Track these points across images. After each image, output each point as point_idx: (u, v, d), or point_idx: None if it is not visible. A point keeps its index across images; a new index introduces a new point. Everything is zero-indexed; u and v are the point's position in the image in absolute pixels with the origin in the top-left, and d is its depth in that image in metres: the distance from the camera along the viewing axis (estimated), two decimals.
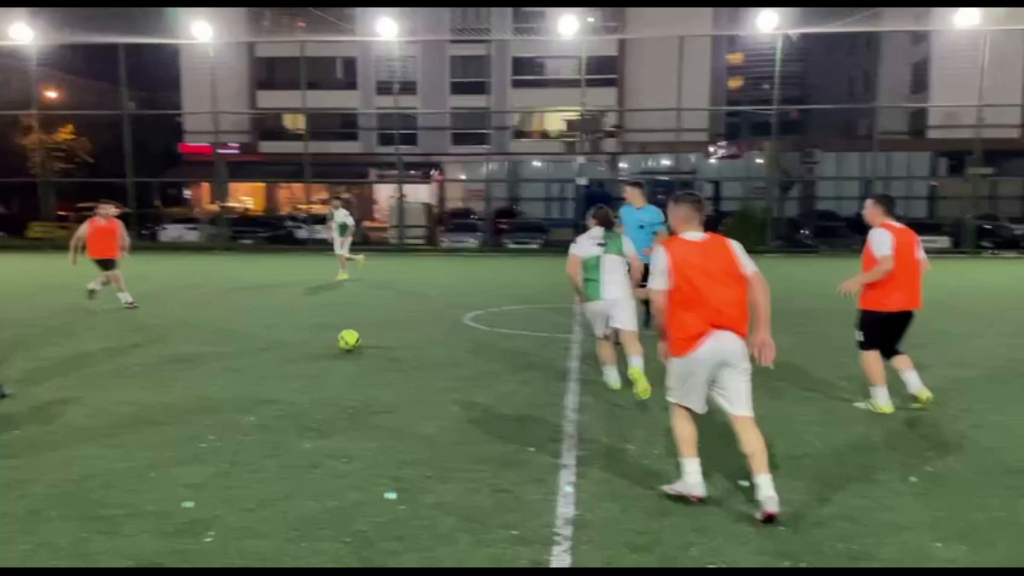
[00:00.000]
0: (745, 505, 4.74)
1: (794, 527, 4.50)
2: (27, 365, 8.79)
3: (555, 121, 43.96)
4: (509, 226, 35.50)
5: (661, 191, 28.46)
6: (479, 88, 41.54)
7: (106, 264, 13.31)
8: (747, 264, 4.73)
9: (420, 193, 41.43)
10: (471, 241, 33.04)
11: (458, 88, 43.28)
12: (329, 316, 12.70)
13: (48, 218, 31.62)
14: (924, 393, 6.94)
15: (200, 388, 7.80)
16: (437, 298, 15.46)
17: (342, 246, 18.32)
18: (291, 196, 46.39)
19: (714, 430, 5.46)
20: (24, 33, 27.79)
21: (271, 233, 35.40)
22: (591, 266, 7.52)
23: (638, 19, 39.73)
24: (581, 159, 30.93)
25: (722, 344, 4.61)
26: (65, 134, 44.41)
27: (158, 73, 44.03)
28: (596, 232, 7.61)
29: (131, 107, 33.53)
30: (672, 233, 4.99)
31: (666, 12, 36.77)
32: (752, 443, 4.67)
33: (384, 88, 42.39)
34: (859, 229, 31.58)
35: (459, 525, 4.52)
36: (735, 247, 4.79)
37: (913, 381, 6.98)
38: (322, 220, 33.98)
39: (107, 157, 44.18)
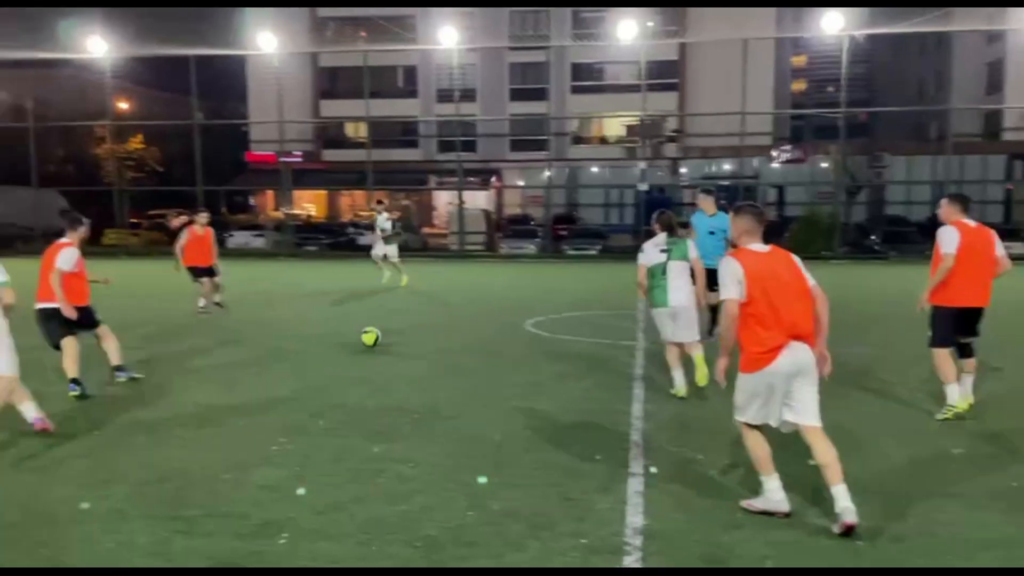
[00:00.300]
0: (820, 519, 4.63)
1: (872, 541, 4.37)
2: (102, 370, 9.08)
3: (614, 126, 43.75)
4: (568, 232, 35.43)
5: (723, 196, 28.02)
6: (538, 94, 41.62)
7: (202, 272, 13.46)
8: (809, 277, 4.73)
9: (479, 200, 41.68)
10: (530, 247, 33.08)
11: (517, 95, 43.42)
12: (392, 322, 12.82)
13: (122, 225, 32.72)
14: (967, 401, 6.87)
15: (270, 391, 7.96)
16: (498, 304, 15.50)
17: (385, 251, 17.88)
18: (352, 203, 47.17)
19: (774, 441, 5.34)
20: (99, 46, 28.85)
21: (333, 240, 36.01)
22: (657, 273, 7.59)
23: (699, 22, 39.30)
24: (642, 164, 30.69)
25: (797, 355, 4.56)
26: (136, 144, 46.02)
27: (225, 84, 45.26)
28: (660, 238, 7.67)
29: (199, 117, 34.49)
30: (733, 244, 4.96)
31: (728, 15, 36.31)
32: (826, 453, 4.58)
33: (444, 96, 42.78)
34: (930, 234, 30.62)
35: (528, 532, 4.51)
36: (797, 259, 4.79)
37: (964, 386, 6.92)
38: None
39: (176, 166, 45.61)
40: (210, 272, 13.56)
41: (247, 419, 6.95)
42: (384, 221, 18.02)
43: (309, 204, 47.27)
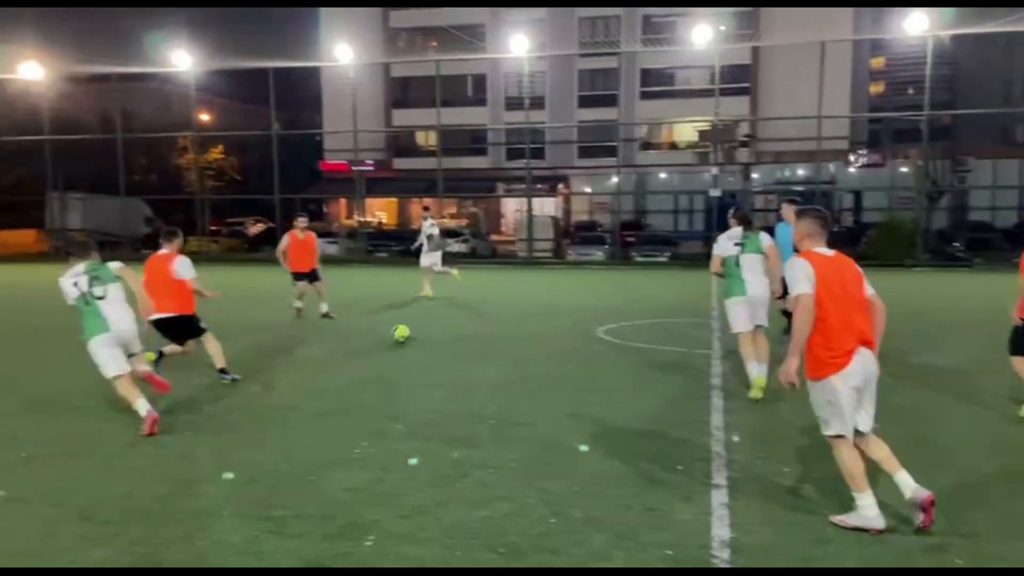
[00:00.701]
0: (914, 537, 4.47)
1: (972, 560, 4.20)
2: (190, 371, 9.39)
3: (684, 132, 43.27)
4: (636, 239, 35.14)
5: (800, 202, 27.33)
6: (607, 101, 41.49)
7: (304, 276, 13.53)
8: (868, 285, 4.72)
9: (546, 206, 41.72)
10: (598, 254, 32.91)
11: (585, 101, 43.37)
12: (465, 328, 12.94)
13: (202, 233, 33.81)
14: None
15: (348, 395, 8.11)
16: (569, 311, 15.47)
17: (431, 259, 17.26)
18: (420, 210, 47.74)
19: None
20: (183, 60, 29.93)
21: (404, 246, 36.48)
22: (731, 264, 7.95)
23: (773, 25, 38.59)
24: (714, 170, 30.20)
25: (866, 361, 4.55)
26: (216, 154, 47.61)
27: (300, 95, 46.45)
28: (735, 231, 8.02)
29: (277, 128, 35.44)
30: (795, 248, 4.92)
31: (803, 17, 35.55)
32: (880, 448, 4.67)
33: (512, 103, 43.00)
34: (1017, 240, 29.38)
35: (612, 542, 4.49)
36: (858, 267, 4.79)
37: None
38: (455, 234, 34.89)
39: (253, 175, 47.02)
40: (311, 276, 13.60)
41: (328, 422, 7.09)
42: (430, 227, 17.51)
43: (380, 212, 48.07)
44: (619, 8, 41.97)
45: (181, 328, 8.36)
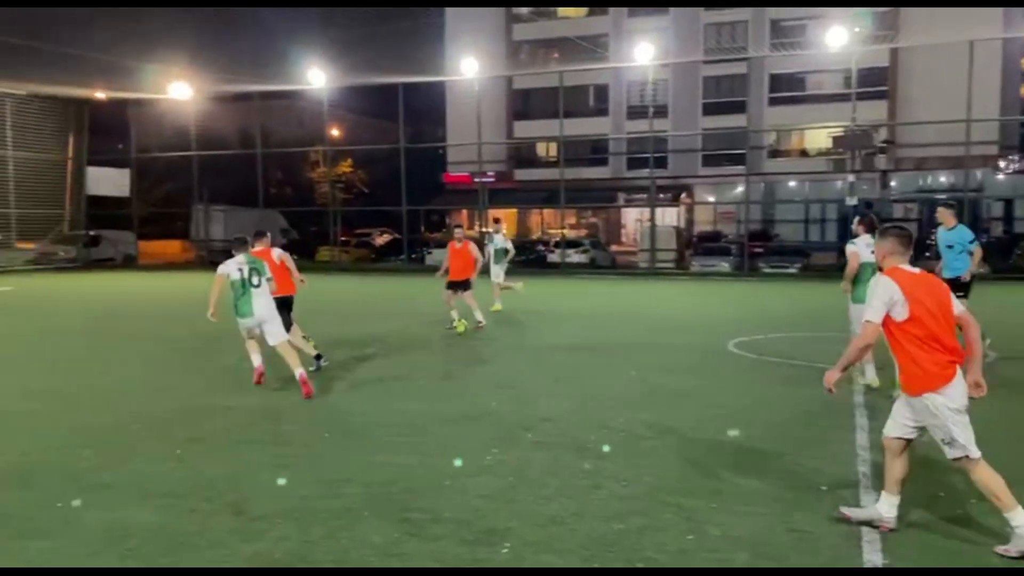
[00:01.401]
0: None
1: None
2: (327, 377, 9.73)
3: (816, 138, 41.64)
4: (764, 249, 34.01)
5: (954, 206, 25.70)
6: (733, 108, 40.46)
7: (458, 285, 13.52)
8: (956, 304, 4.64)
9: (668, 216, 41.08)
10: (723, 265, 32.03)
11: (710, 109, 42.47)
12: (589, 338, 12.86)
13: (334, 243, 35.18)
14: None
15: (476, 402, 8.19)
16: (695, 323, 15.13)
17: (498, 274, 16.42)
18: (541, 221, 48.02)
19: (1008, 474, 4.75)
20: (318, 78, 31.32)
21: (524, 257, 36.73)
22: (868, 271, 7.97)
23: (913, 25, 36.58)
24: (850, 177, 28.80)
25: (962, 384, 4.47)
26: (345, 167, 49.57)
27: (423, 109, 47.74)
28: (868, 239, 8.11)
29: (403, 141, 36.47)
30: (879, 268, 4.85)
31: (946, 15, 33.54)
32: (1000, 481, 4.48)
33: (634, 113, 42.62)
34: None
35: (754, 562, 4.31)
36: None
37: None
38: (576, 244, 34.87)
39: (380, 187, 48.63)
40: (463, 286, 13.56)
41: (459, 428, 7.18)
42: (502, 241, 16.70)
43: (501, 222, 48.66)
44: (747, 12, 40.92)
45: (287, 307, 9.71)
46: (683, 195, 43.67)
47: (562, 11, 47.25)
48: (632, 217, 46.85)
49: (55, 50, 23.03)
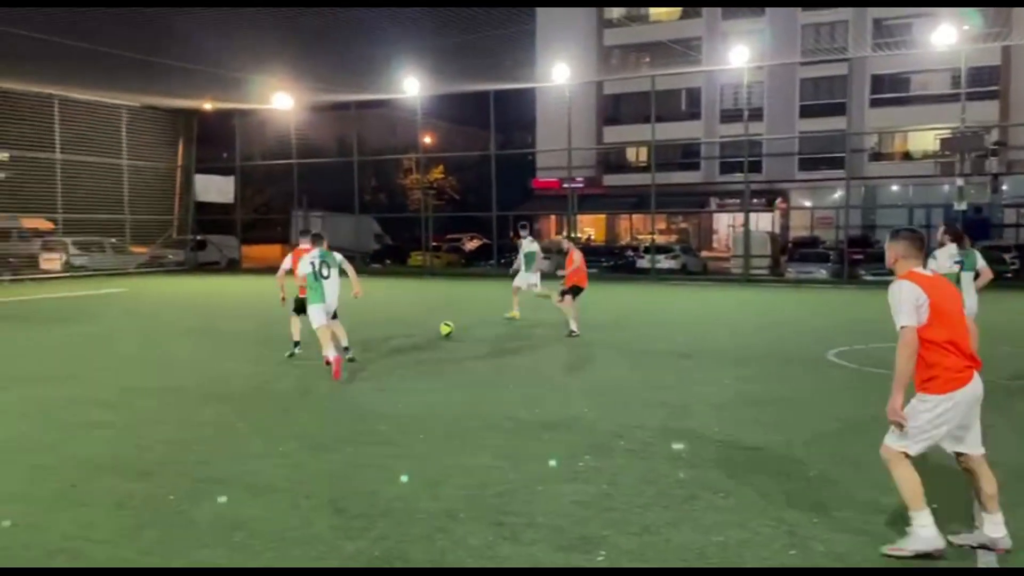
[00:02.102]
0: None
1: None
2: (420, 382, 9.90)
3: (921, 141, 39.88)
4: (864, 256, 32.74)
5: None
6: (831, 110, 39.18)
7: (577, 291, 13.95)
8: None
9: (762, 221, 40.08)
10: (820, 272, 30.98)
11: (807, 111, 41.26)
12: (681, 345, 12.66)
13: (425, 248, 35.79)
14: None
15: (569, 408, 8.16)
16: (792, 331, 14.70)
17: (527, 279, 15.81)
18: (630, 226, 47.64)
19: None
20: (412, 86, 31.92)
21: (613, 262, 36.48)
22: (951, 280, 7.52)
23: None
24: (959, 181, 27.41)
25: (977, 383, 4.46)
26: (437, 174, 50.40)
27: (512, 115, 48.07)
28: (952, 249, 8.29)
29: (490, 148, 36.79)
30: (890, 271, 4.74)
31: None
32: (993, 482, 4.52)
33: (727, 116, 41.81)
34: None
35: None
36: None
37: None
38: (666, 250, 34.42)
39: (469, 193, 49.23)
40: (579, 292, 13.95)
41: (551, 433, 7.18)
42: (529, 244, 16.01)
43: (589, 228, 48.52)
44: (847, 12, 39.58)
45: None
46: (778, 200, 42.55)
47: (654, 15, 46.82)
48: (724, 222, 45.92)
49: (168, 64, 24.21)
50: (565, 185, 38.03)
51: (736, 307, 19.74)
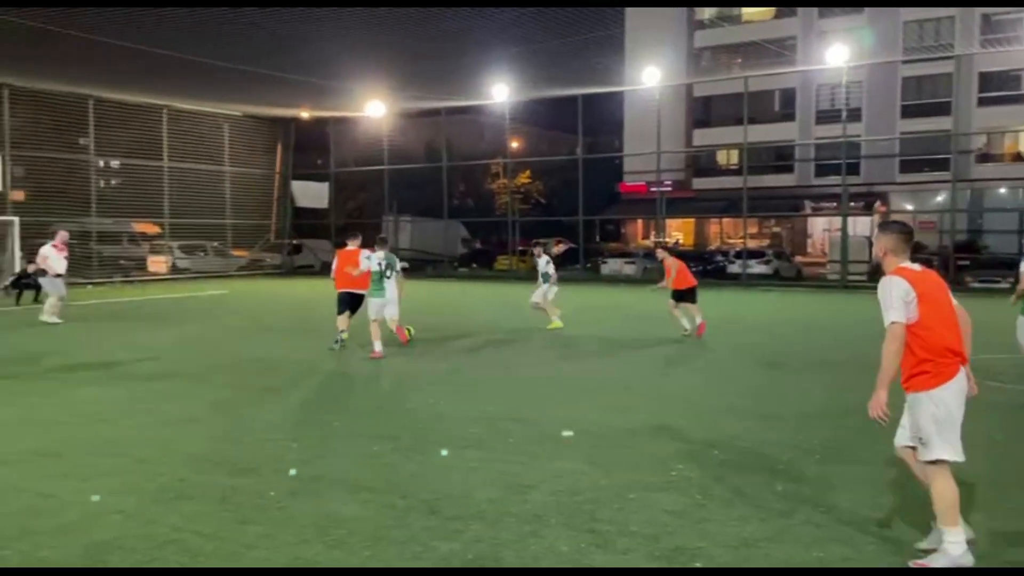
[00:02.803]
0: None
1: None
2: (513, 378, 9.94)
3: None
4: (971, 262, 31.17)
5: None
6: (936, 110, 37.48)
7: (683, 295, 14.28)
8: (953, 298, 4.58)
9: (860, 226, 38.66)
10: None
11: (909, 111, 39.60)
12: (776, 354, 12.34)
13: (512, 253, 35.98)
14: None
15: (661, 415, 8.05)
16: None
17: (544, 296, 15.32)
18: (719, 230, 46.72)
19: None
20: (500, 92, 32.19)
21: (702, 267, 35.82)
22: None
23: None
24: None
25: (964, 379, 4.39)
26: (523, 178, 50.59)
27: (599, 119, 47.84)
28: None
29: (577, 152, 36.80)
30: (878, 265, 4.68)
31: None
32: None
33: (823, 117, 40.56)
34: None
35: None
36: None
37: None
38: (758, 254, 33.60)
39: (555, 197, 49.20)
40: (691, 296, 14.21)
41: (642, 440, 7.09)
42: (545, 265, 15.41)
43: (677, 232, 47.82)
44: (953, 8, 37.83)
45: (356, 302, 12.42)
46: (877, 203, 40.97)
47: (747, 15, 45.85)
48: (819, 226, 44.55)
49: (268, 75, 25.16)
50: (653, 189, 37.63)
51: (831, 313, 19.10)
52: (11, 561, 4.51)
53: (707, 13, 45.78)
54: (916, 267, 4.54)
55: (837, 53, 28.42)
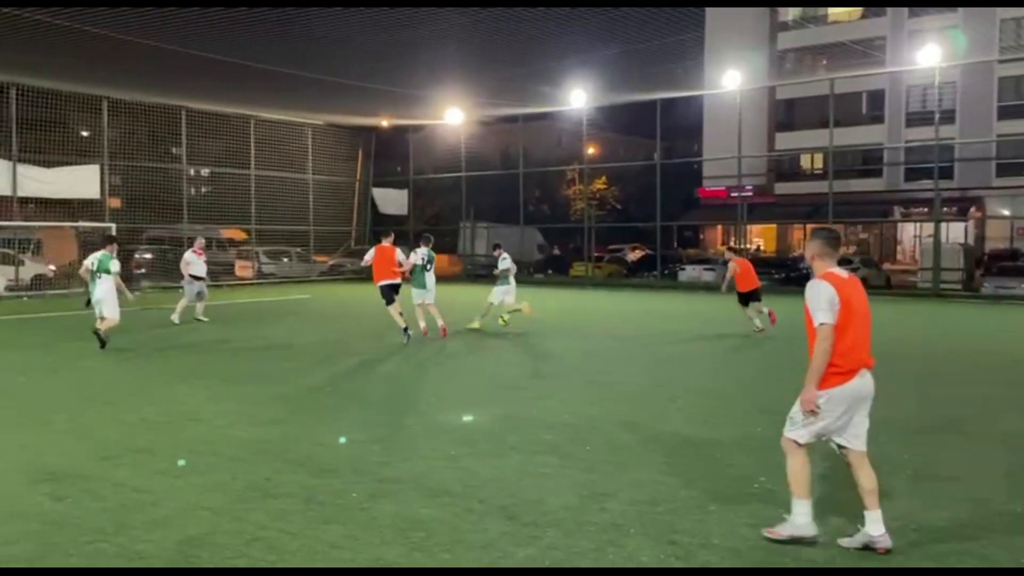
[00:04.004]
0: None
1: None
2: (591, 386, 9.88)
3: None
4: None
5: None
6: None
7: (746, 296, 15.37)
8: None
9: (953, 232, 37.09)
10: (1022, 287, 28.26)
11: (1007, 112, 37.83)
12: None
13: (588, 259, 35.83)
14: None
15: (743, 425, 7.89)
16: (991, 351, 13.48)
17: (503, 296, 16.10)
18: (803, 236, 45.48)
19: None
20: (577, 98, 32.14)
21: (784, 274, 34.91)
22: None
23: None
24: None
25: (866, 381, 4.71)
26: (599, 184, 50.34)
27: (677, 123, 47.24)
28: None
29: (655, 157, 36.38)
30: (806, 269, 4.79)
31: None
32: (872, 479, 4.76)
33: (914, 119, 39.13)
34: None
35: None
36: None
37: None
38: (845, 261, 32.58)
39: (632, 203, 48.77)
40: (755, 296, 15.27)
41: (722, 451, 6.96)
42: (503, 263, 16.46)
43: (758, 238, 46.80)
44: None
45: (396, 290, 13.88)
46: (972, 208, 39.24)
47: (832, 15, 44.63)
48: (909, 233, 42.94)
49: (350, 84, 25.79)
50: (733, 194, 36.94)
51: (926, 323, 18.38)
52: (109, 554, 4.72)
53: (791, 14, 44.74)
54: (844, 273, 4.79)
55: (929, 53, 27.37)
